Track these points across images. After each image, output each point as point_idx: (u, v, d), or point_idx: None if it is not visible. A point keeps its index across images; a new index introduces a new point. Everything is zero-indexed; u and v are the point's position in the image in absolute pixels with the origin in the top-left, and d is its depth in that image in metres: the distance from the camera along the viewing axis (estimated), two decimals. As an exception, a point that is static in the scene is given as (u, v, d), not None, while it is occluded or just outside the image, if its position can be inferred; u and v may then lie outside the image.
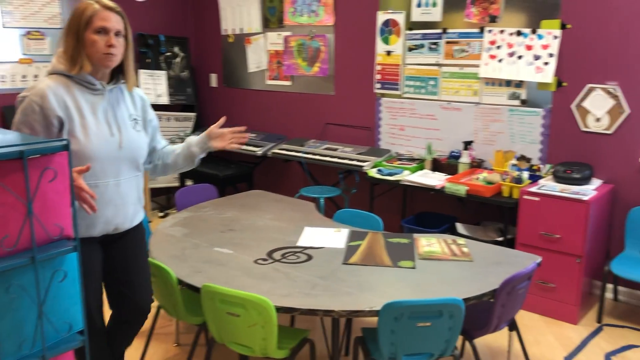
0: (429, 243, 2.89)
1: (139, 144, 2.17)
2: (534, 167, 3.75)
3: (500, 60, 3.95)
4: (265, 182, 5.48)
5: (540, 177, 3.70)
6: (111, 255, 2.23)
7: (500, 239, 3.68)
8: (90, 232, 2.10)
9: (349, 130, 4.88)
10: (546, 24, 3.74)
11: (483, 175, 3.82)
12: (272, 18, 5.23)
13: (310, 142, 4.90)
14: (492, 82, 4.03)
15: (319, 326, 3.28)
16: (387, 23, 4.48)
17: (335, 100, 4.94)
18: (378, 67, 4.58)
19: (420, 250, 2.80)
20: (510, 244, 3.54)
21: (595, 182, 3.58)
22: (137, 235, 2.30)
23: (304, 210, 3.44)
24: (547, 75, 3.76)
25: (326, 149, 4.68)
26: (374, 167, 4.24)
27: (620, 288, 3.69)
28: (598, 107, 3.63)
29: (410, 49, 4.39)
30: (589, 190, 3.39)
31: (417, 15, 4.32)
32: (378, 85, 4.62)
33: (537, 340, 3.18)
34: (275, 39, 5.23)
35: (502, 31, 3.92)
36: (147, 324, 3.26)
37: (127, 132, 2.12)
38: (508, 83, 3.95)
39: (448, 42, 4.19)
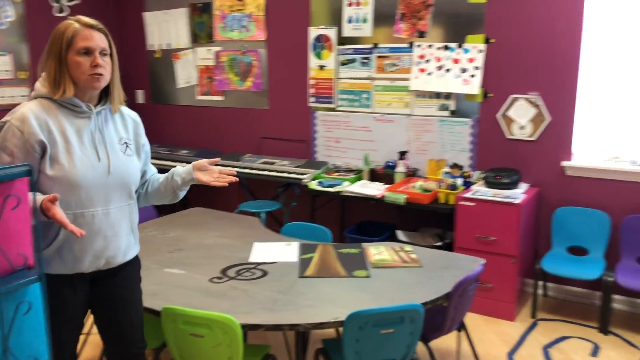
0: (378, 251, 2.98)
1: (130, 169, 2.02)
2: (465, 174, 3.95)
3: (429, 74, 4.14)
4: (202, 199, 5.39)
5: (472, 184, 3.91)
6: (102, 293, 2.04)
7: (439, 243, 3.84)
8: (79, 268, 1.93)
9: (284, 144, 4.91)
10: (471, 39, 3.97)
11: (419, 183, 3.98)
12: (201, 33, 5.18)
13: (246, 156, 4.89)
14: (422, 94, 4.21)
15: (273, 341, 3.27)
16: (319, 38, 4.57)
17: (269, 115, 4.97)
18: (312, 82, 4.66)
19: (372, 259, 2.88)
20: (448, 248, 3.71)
21: (523, 186, 3.83)
22: (132, 272, 2.11)
23: (249, 225, 3.43)
24: (474, 87, 3.99)
25: (263, 163, 4.69)
26: (313, 179, 4.30)
27: (548, 284, 3.95)
28: (521, 116, 3.89)
29: (343, 64, 4.51)
30: (519, 194, 3.62)
31: (348, 30, 4.44)
32: (312, 99, 4.70)
33: (480, 339, 3.34)
34: (205, 54, 5.18)
35: (430, 46, 4.11)
36: (97, 350, 3.13)
37: (117, 157, 1.97)
38: (438, 95, 4.15)
39: (379, 57, 4.34)
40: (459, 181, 3.79)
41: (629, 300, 3.71)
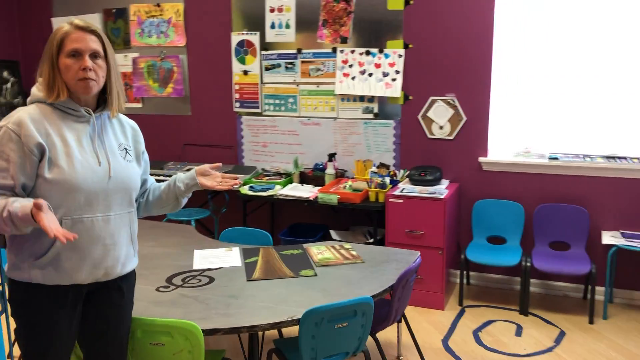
0: (320, 251, 3.06)
1: (130, 175, 1.96)
2: (391, 173, 4.14)
3: (353, 78, 4.29)
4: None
5: (398, 182, 4.10)
6: (95, 310, 1.96)
7: (370, 240, 3.99)
8: (76, 278, 1.85)
9: (209, 150, 4.88)
10: (391, 44, 4.17)
11: (349, 183, 4.11)
12: (116, 39, 5.03)
13: (169, 164, 4.81)
14: (347, 98, 4.35)
15: (225, 346, 3.25)
16: (242, 44, 4.60)
17: (192, 121, 4.91)
18: (236, 87, 4.67)
19: (315, 258, 2.96)
20: (379, 244, 3.86)
21: (445, 182, 4.07)
22: (128, 289, 2.04)
23: (184, 233, 3.40)
24: (396, 90, 4.19)
25: (188, 170, 4.63)
26: (244, 184, 4.31)
27: (471, 273, 4.22)
28: (440, 117, 4.13)
29: (267, 69, 4.56)
30: (443, 190, 3.85)
31: (271, 36, 4.50)
32: (237, 104, 4.71)
33: (415, 328, 3.52)
34: (121, 61, 5.03)
35: (352, 51, 4.27)
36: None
37: (117, 162, 1.92)
38: (362, 98, 4.31)
39: (304, 62, 4.44)
40: (388, 180, 3.96)
41: (544, 282, 4.05)
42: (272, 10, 4.47)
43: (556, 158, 3.92)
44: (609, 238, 3.67)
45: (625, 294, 3.86)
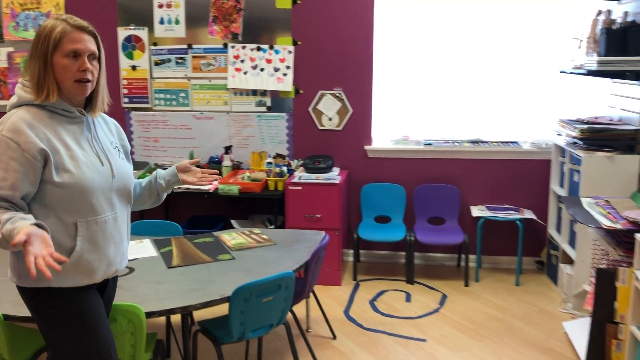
0: (232, 237, 3.24)
1: (129, 173, 1.98)
2: (286, 163, 4.39)
3: (245, 73, 4.48)
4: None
5: (293, 171, 4.36)
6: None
7: (272, 227, 4.22)
8: (94, 278, 1.87)
9: (98, 147, 4.78)
10: (281, 41, 4.41)
11: (247, 174, 4.30)
12: (-14, 32, 4.73)
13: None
14: (240, 92, 4.52)
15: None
16: (129, 39, 4.57)
17: (78, 118, 4.77)
18: (124, 82, 4.63)
19: (229, 244, 3.13)
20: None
21: (336, 169, 4.41)
22: (115, 284, 2.11)
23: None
24: (287, 84, 4.44)
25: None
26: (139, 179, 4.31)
27: (361, 251, 4.61)
28: (329, 109, 4.46)
29: (157, 64, 4.58)
30: (336, 176, 4.19)
31: (160, 31, 4.53)
32: (126, 100, 4.67)
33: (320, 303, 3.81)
34: (-7, 55, 4.75)
35: (244, 47, 4.45)
36: None
37: (116, 161, 1.92)
38: (254, 92, 4.51)
39: (195, 57, 4.53)
40: (285, 169, 4.21)
41: (424, 255, 4.55)
42: (160, 6, 4.50)
43: (430, 144, 4.42)
44: (477, 211, 4.25)
45: (492, 259, 4.47)
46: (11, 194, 1.69)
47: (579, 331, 3.24)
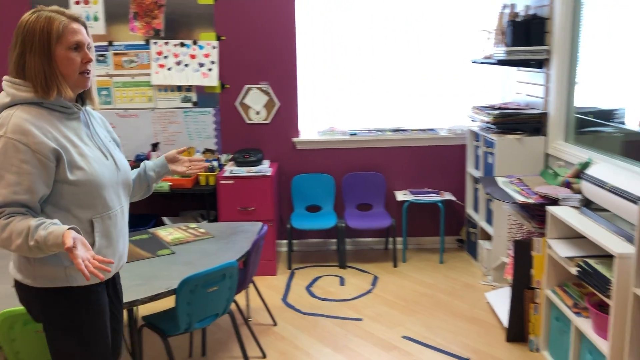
0: (168, 233, 3.25)
1: (128, 165, 1.96)
2: (216, 157, 4.42)
3: (169, 69, 4.45)
4: None
5: (223, 165, 4.40)
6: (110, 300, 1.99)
7: (205, 222, 4.24)
8: (108, 274, 1.88)
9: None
10: (204, 36, 4.43)
11: (176, 171, 4.28)
12: None
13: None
14: (164, 88, 4.50)
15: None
16: (44, 36, 4.41)
17: (-9, 120, 4.55)
18: (41, 81, 4.47)
19: (167, 239, 3.14)
20: (213, 224, 4.14)
21: (266, 162, 4.49)
22: (119, 278, 2.09)
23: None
24: (212, 79, 4.47)
25: None
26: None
27: (293, 241, 4.73)
28: (256, 103, 4.53)
29: (76, 62, 4.45)
30: (267, 168, 4.27)
31: (78, 28, 4.40)
32: (44, 100, 4.51)
33: (256, 293, 3.90)
34: None
35: (167, 42, 4.42)
36: None
37: (116, 154, 1.90)
38: (179, 88, 4.50)
39: (116, 54, 4.45)
40: (216, 163, 4.24)
41: (353, 240, 4.74)
42: (77, 2, 4.38)
43: (355, 134, 4.60)
44: (401, 196, 4.48)
45: (417, 240, 4.73)
46: (28, 198, 1.65)
47: (499, 300, 3.53)
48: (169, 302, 2.54)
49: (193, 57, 4.44)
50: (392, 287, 3.99)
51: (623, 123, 3.33)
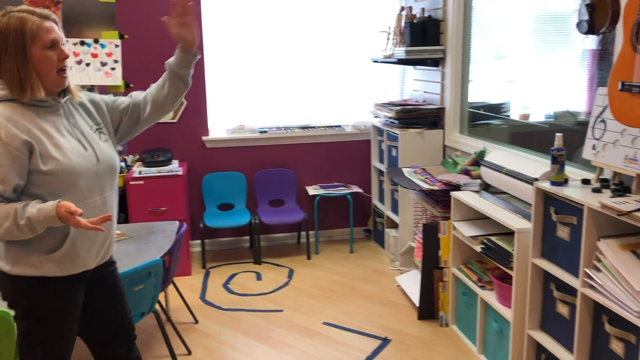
0: (83, 236, 3.16)
1: (113, 155, 1.95)
2: (121, 158, 4.31)
3: (70, 68, 4.27)
4: None
5: (130, 166, 4.31)
6: (99, 289, 2.02)
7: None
8: (88, 264, 1.89)
9: None
10: (106, 35, 4.30)
11: (81, 173, 4.14)
12: None
13: None
14: (64, 88, 4.31)
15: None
16: None
17: None
18: None
19: (83, 242, 3.05)
20: (124, 227, 4.05)
21: (175, 162, 4.45)
22: (115, 265, 2.13)
23: None
24: (116, 78, 4.34)
25: None
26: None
27: (206, 240, 4.73)
28: (163, 102, 4.47)
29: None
30: (177, 167, 4.24)
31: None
32: None
33: (174, 293, 3.86)
34: None
35: (66, 41, 4.24)
36: None
37: (98, 145, 1.90)
38: (81, 88, 4.32)
39: (8, 53, 4.20)
40: (123, 164, 4.14)
41: (266, 236, 4.82)
42: (-39, -3, 4.08)
43: (265, 131, 4.69)
44: (312, 190, 4.63)
45: (327, 233, 4.91)
46: (2, 188, 1.70)
47: (409, 282, 3.78)
48: (93, 304, 2.48)
49: (95, 56, 4.30)
50: (307, 279, 4.12)
51: (508, 116, 3.71)
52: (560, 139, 2.40)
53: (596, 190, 2.23)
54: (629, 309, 1.96)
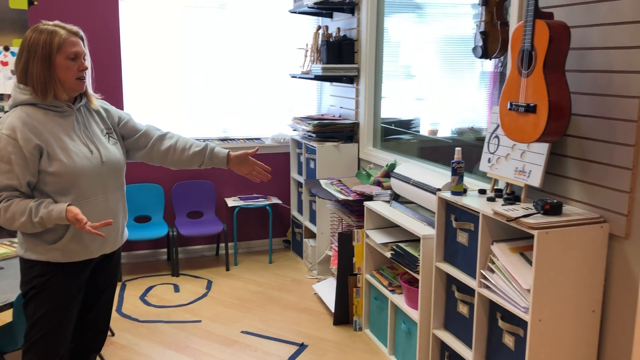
0: (-9, 248, 3.06)
1: (118, 157, 2.20)
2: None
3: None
4: None
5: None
6: (98, 276, 2.26)
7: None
8: (89, 254, 2.13)
9: None
10: (18, 42, 4.18)
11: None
12: None
13: None
14: (-30, 96, 4.14)
15: None
16: None
17: None
18: None
19: (-8, 255, 2.97)
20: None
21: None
22: (119, 256, 2.36)
23: None
24: (28, 87, 4.23)
25: None
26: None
27: (122, 253, 4.66)
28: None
29: None
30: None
31: None
32: None
33: (87, 308, 3.79)
34: None
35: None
36: None
37: (105, 147, 2.15)
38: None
39: None
40: (35, 176, 4.03)
41: (184, 248, 4.82)
42: None
43: (184, 143, 4.70)
44: (232, 202, 4.69)
45: (247, 244, 4.97)
46: (18, 184, 1.97)
47: (326, 290, 3.93)
48: (5, 317, 2.43)
49: (5, 64, 4.17)
50: (226, 289, 4.17)
51: (418, 131, 3.97)
52: (459, 152, 2.63)
53: (490, 200, 2.47)
54: (518, 305, 2.19)
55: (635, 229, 2.07)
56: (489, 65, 3.36)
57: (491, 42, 2.32)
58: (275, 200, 4.79)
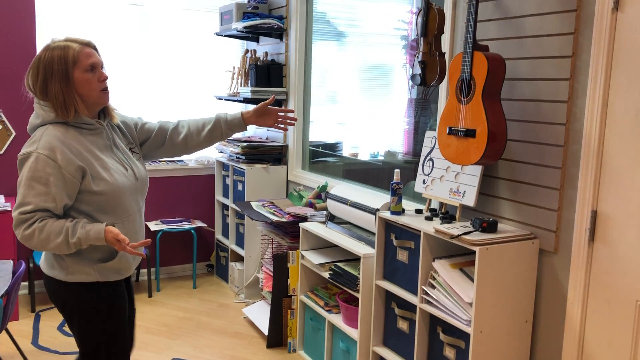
0: None
1: (145, 173, 2.17)
2: None
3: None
4: None
5: (-55, 201, 3.85)
6: (128, 294, 2.22)
7: None
8: (129, 271, 2.12)
9: None
10: None
11: None
12: None
13: None
14: None
15: None
16: None
17: None
18: None
19: None
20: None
21: (1, 196, 4.08)
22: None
23: None
24: None
25: None
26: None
27: (36, 282, 4.35)
28: (-13, 131, 4.10)
29: None
30: (4, 203, 3.89)
31: None
32: None
33: (3, 340, 3.51)
34: None
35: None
36: None
37: (135, 163, 2.11)
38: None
39: None
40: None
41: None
42: None
43: (103, 165, 4.51)
44: (154, 226, 4.55)
45: (168, 269, 4.83)
46: (54, 206, 1.88)
47: (256, 313, 3.90)
48: None
49: None
50: (151, 316, 4.02)
51: (342, 154, 4.10)
52: (398, 174, 2.75)
53: (428, 219, 2.60)
54: (460, 318, 2.31)
55: (563, 244, 2.27)
56: (411, 92, 3.57)
57: (430, 71, 2.47)
58: (199, 224, 4.70)
